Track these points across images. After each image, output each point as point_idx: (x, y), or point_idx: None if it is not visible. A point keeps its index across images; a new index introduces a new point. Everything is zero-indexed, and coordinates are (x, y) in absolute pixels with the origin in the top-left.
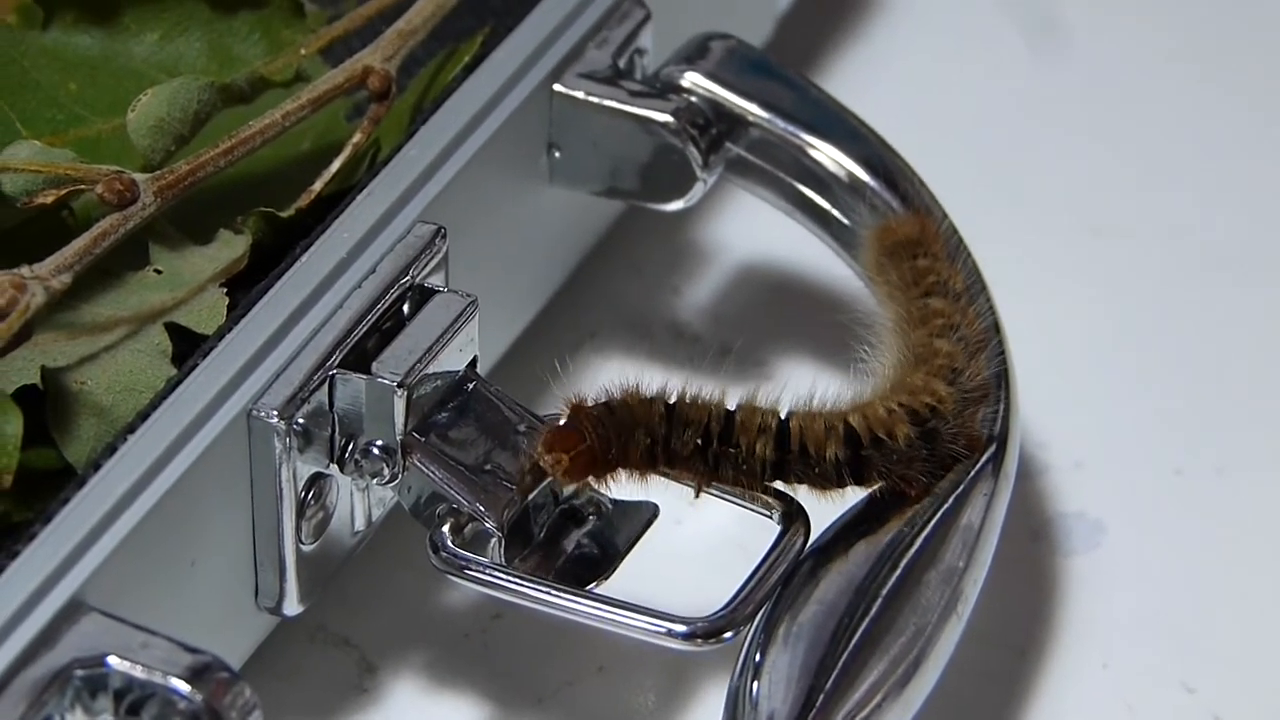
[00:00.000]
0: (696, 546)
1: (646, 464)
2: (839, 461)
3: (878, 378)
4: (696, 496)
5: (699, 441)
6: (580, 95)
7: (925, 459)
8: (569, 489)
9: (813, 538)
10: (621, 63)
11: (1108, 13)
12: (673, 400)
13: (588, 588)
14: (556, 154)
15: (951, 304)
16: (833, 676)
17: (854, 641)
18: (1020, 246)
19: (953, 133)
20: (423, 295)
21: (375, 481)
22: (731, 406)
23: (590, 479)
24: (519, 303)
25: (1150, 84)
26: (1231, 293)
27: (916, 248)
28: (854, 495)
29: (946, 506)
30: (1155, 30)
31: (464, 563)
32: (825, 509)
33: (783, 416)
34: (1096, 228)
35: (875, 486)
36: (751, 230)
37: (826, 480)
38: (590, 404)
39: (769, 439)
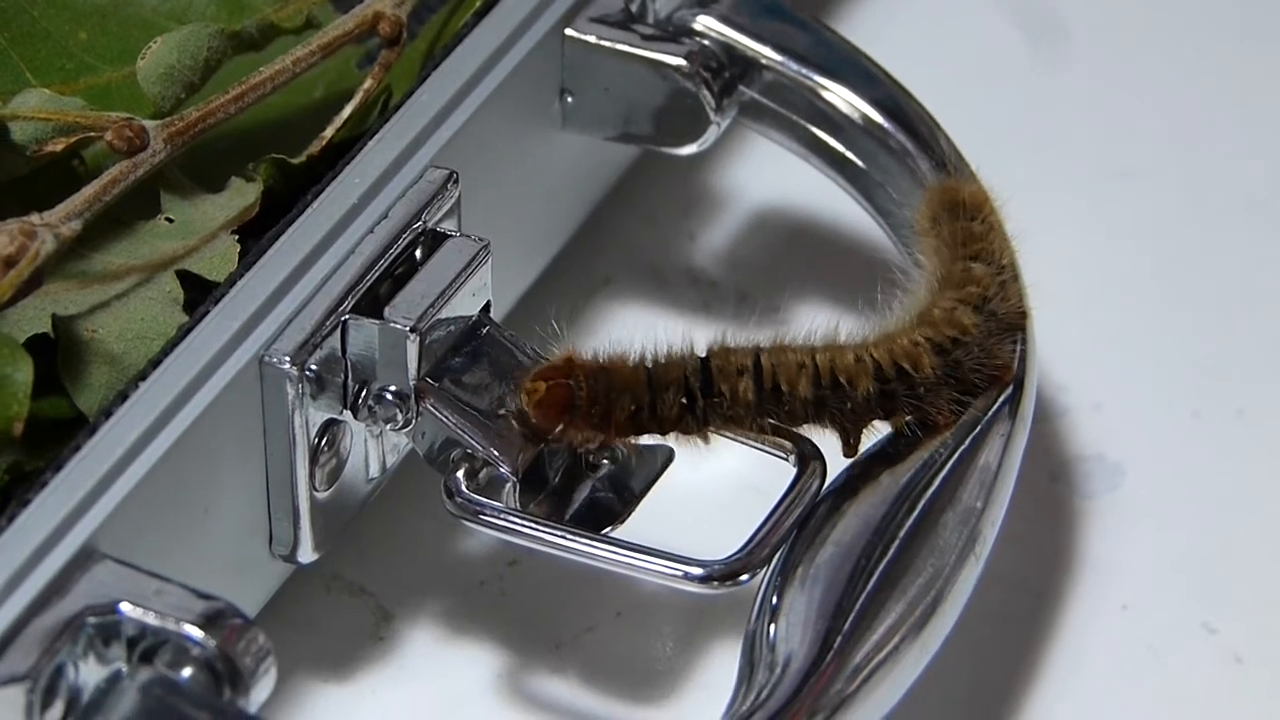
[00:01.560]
0: (712, 490)
1: (632, 428)
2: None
3: (892, 319)
4: (706, 443)
5: (683, 400)
6: (592, 39)
7: (952, 388)
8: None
9: (829, 479)
10: (633, 6)
11: None
12: (650, 364)
13: (603, 532)
14: (569, 99)
15: (993, 275)
16: (850, 618)
17: (871, 583)
18: (1040, 190)
19: (971, 76)
20: (435, 240)
21: (389, 427)
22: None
23: (564, 426)
24: (532, 248)
25: (1169, 29)
26: (1253, 236)
27: (976, 211)
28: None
29: (964, 447)
30: None
31: (479, 508)
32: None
33: (758, 356)
34: (1119, 172)
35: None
36: (765, 174)
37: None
38: (585, 357)
39: (748, 380)
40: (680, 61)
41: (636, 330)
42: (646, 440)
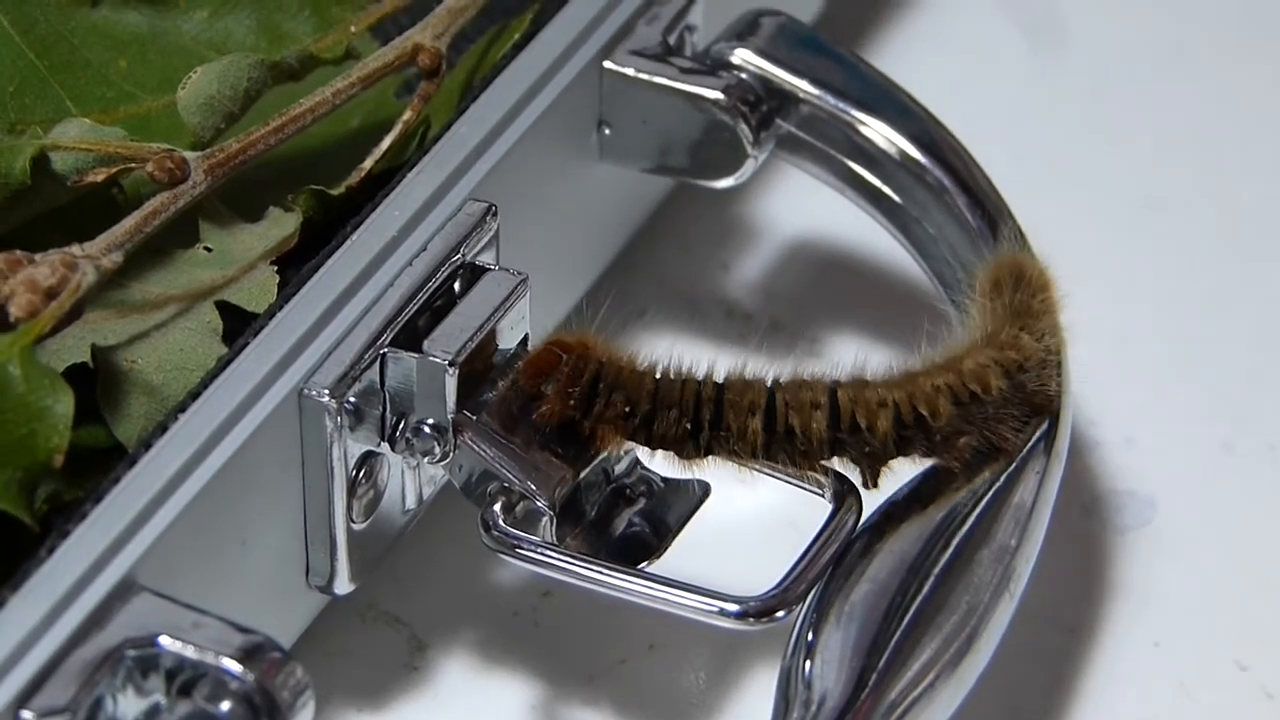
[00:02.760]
0: (748, 525)
1: (617, 429)
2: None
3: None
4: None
5: (687, 425)
6: (630, 72)
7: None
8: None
9: (864, 516)
10: (672, 39)
11: None
12: (659, 376)
13: (639, 567)
14: (606, 131)
15: (1038, 351)
16: (885, 656)
17: (906, 620)
18: (1073, 223)
19: (1004, 108)
20: (474, 273)
21: (426, 460)
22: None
23: (545, 397)
24: (569, 280)
25: (1202, 59)
26: None
27: (1040, 290)
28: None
29: (999, 484)
30: (1204, 3)
31: (515, 541)
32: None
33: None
34: (1151, 204)
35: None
36: (801, 207)
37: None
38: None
39: (758, 421)
40: (718, 95)
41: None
42: (682, 474)
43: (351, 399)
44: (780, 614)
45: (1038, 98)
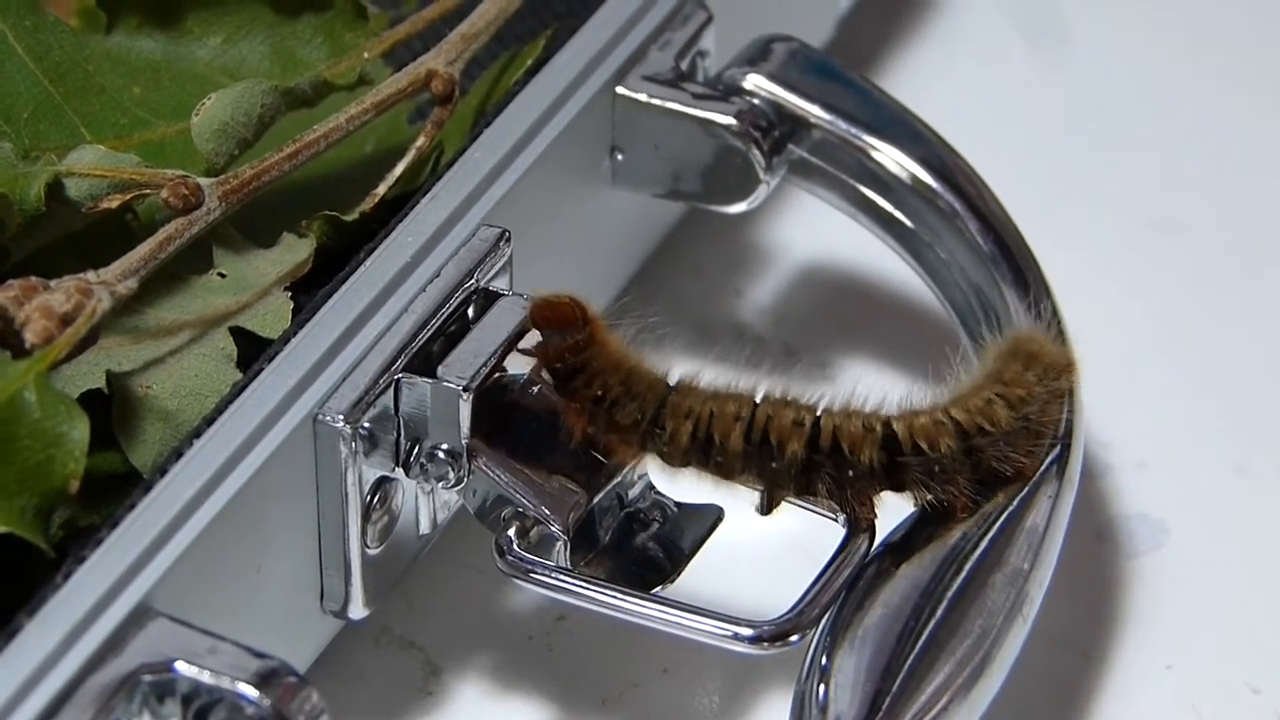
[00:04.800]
0: (762, 549)
1: (586, 413)
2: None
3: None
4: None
5: (639, 417)
6: (643, 98)
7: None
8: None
9: (877, 541)
10: (684, 65)
11: (1169, 7)
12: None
13: (653, 591)
14: (619, 156)
15: (1041, 388)
16: (899, 680)
17: (920, 645)
18: (1083, 245)
19: (1015, 132)
20: (487, 299)
21: (440, 485)
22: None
23: (543, 342)
24: None
25: (1211, 80)
26: None
27: (1048, 372)
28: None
29: (1011, 508)
30: (1212, 25)
31: (530, 566)
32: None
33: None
34: (1163, 226)
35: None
36: (813, 232)
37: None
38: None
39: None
40: (730, 120)
41: None
42: (695, 500)
43: (366, 424)
44: (794, 638)
45: (1048, 120)
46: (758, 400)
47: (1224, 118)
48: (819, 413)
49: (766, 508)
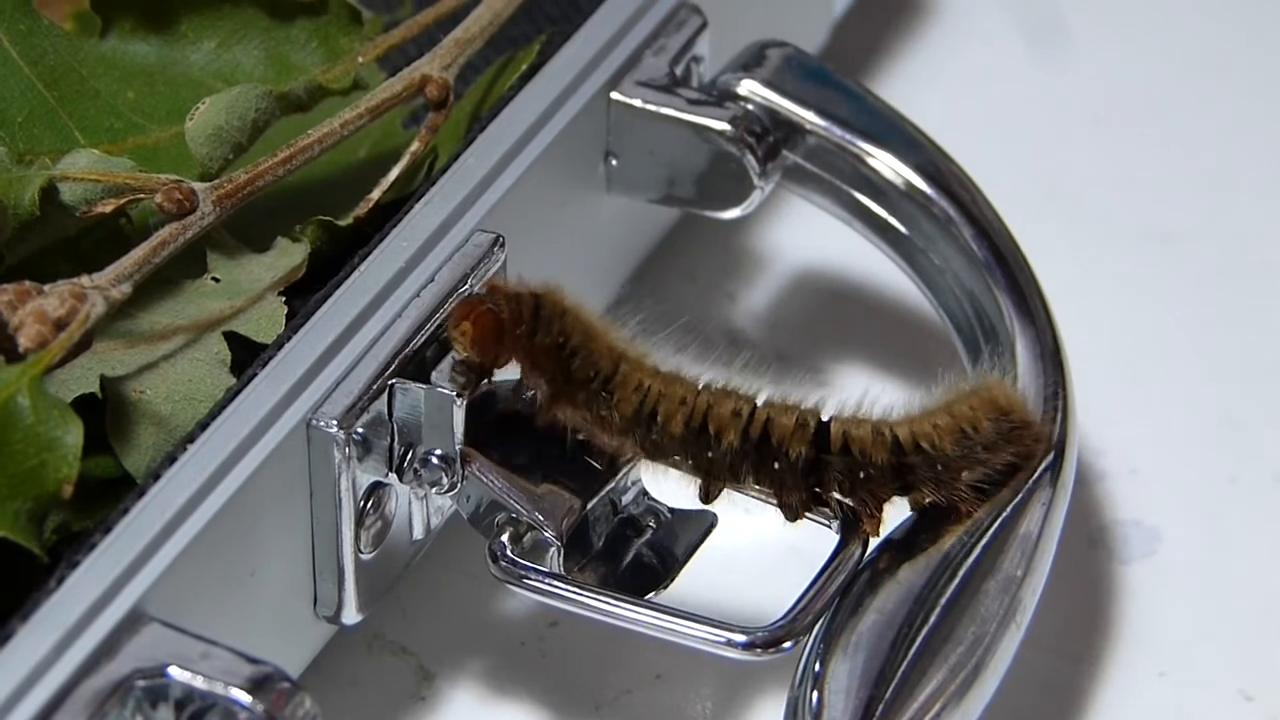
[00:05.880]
0: (756, 555)
1: (547, 361)
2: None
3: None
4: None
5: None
6: (637, 103)
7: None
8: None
9: (871, 547)
10: (678, 70)
11: (1167, 15)
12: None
13: (647, 597)
14: (613, 162)
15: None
16: (892, 686)
17: (913, 651)
18: (1076, 253)
19: (1010, 138)
20: None
21: (434, 490)
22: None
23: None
24: None
25: (1209, 92)
26: None
27: (1008, 422)
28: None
29: (1005, 515)
30: (1208, 35)
31: (523, 572)
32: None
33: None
34: (1153, 234)
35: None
36: (807, 237)
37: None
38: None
39: (681, 417)
40: (725, 126)
41: None
42: (689, 506)
43: (359, 430)
44: (787, 645)
45: (1042, 126)
46: (700, 388)
47: (1217, 125)
48: (758, 405)
49: (705, 497)
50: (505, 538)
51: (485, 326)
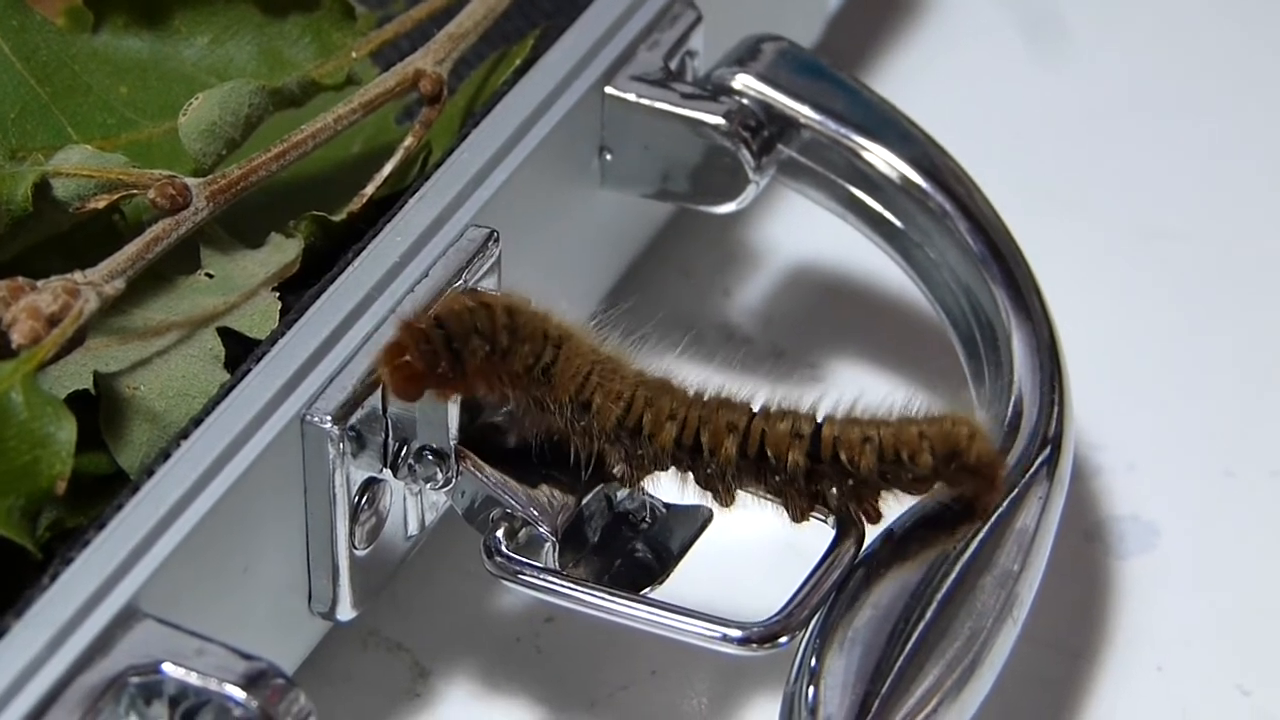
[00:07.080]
0: (751, 551)
1: (489, 374)
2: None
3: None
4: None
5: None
6: (632, 98)
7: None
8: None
9: (867, 542)
10: (673, 65)
11: (1165, 12)
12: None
13: (642, 593)
14: (608, 156)
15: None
16: (888, 681)
17: (909, 646)
18: (1073, 248)
19: (1005, 134)
20: None
21: (429, 486)
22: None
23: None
24: (570, 305)
25: (1206, 90)
26: None
27: (955, 460)
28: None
29: (1001, 510)
30: (1206, 33)
31: (518, 568)
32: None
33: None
34: (1153, 231)
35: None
36: (802, 232)
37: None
38: (419, 319)
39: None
40: (719, 120)
41: None
42: (684, 501)
43: (354, 425)
44: (783, 640)
45: (1038, 121)
46: (639, 385)
47: (1215, 123)
48: (692, 405)
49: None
50: (500, 533)
51: (400, 379)
